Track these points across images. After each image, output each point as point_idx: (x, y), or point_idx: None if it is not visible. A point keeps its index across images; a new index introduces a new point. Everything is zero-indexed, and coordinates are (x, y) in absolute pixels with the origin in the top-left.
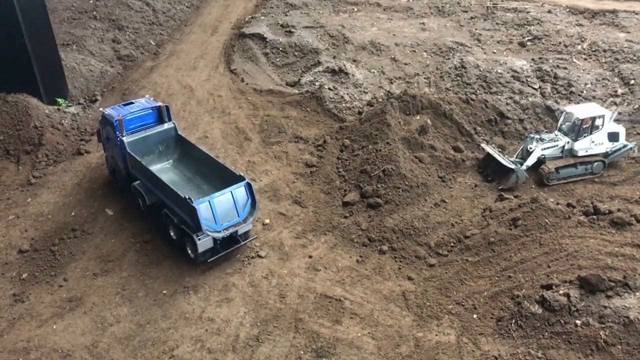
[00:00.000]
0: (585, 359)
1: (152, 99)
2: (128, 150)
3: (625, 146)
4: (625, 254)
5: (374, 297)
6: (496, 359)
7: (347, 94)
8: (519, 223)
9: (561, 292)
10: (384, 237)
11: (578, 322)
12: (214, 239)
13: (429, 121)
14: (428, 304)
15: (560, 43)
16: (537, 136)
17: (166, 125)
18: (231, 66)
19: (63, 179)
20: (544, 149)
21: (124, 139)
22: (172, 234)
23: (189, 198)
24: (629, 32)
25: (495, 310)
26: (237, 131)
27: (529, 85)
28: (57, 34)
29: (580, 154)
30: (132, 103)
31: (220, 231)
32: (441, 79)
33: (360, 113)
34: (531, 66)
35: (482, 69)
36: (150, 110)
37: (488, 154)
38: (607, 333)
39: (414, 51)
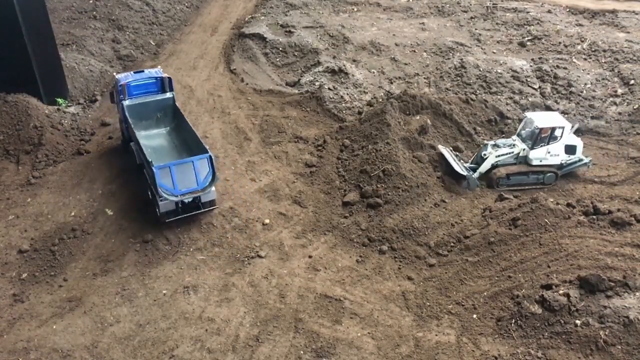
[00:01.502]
0: (585, 359)
1: (161, 69)
2: (126, 112)
3: (580, 160)
4: (625, 254)
5: (374, 297)
6: (496, 359)
7: (347, 94)
8: (518, 223)
9: (561, 292)
10: (384, 237)
11: (578, 322)
12: (176, 202)
13: (428, 121)
14: (428, 304)
15: (560, 43)
16: (493, 142)
17: (165, 95)
18: (231, 66)
19: (63, 179)
20: (498, 156)
21: (124, 102)
22: (149, 193)
23: (151, 161)
24: (628, 32)
25: (495, 310)
26: (237, 131)
27: (528, 85)
28: (57, 34)
29: (535, 163)
30: (142, 72)
31: (177, 195)
32: (441, 79)
33: (360, 113)
34: (531, 66)
35: (482, 69)
36: (154, 80)
37: (441, 156)
38: (607, 333)
39: (414, 51)
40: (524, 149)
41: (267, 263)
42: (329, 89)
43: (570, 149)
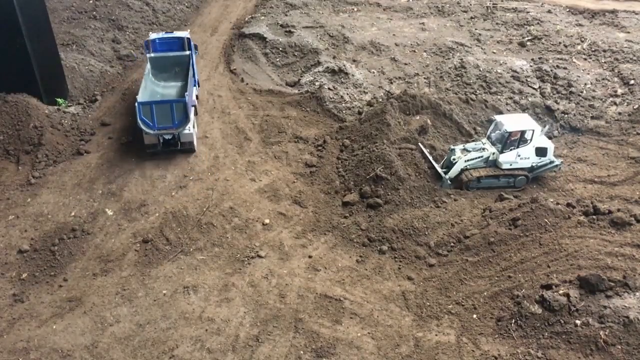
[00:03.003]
0: (585, 359)
1: (189, 33)
2: (148, 63)
3: (551, 162)
4: (625, 254)
5: (374, 297)
6: (496, 359)
7: (347, 94)
8: (518, 223)
9: (561, 292)
10: (383, 237)
11: (578, 322)
12: (158, 138)
13: (428, 121)
14: (428, 304)
15: (560, 43)
16: (461, 147)
17: (183, 52)
18: (231, 66)
19: (63, 179)
20: (468, 160)
21: (148, 55)
22: None
23: (136, 97)
24: (628, 32)
25: (495, 310)
26: (237, 131)
27: (528, 85)
28: (57, 34)
29: (505, 167)
30: (172, 33)
31: (154, 130)
32: (441, 79)
33: (360, 113)
34: (531, 66)
35: (482, 69)
36: (177, 40)
37: (422, 153)
38: (607, 333)
39: (414, 51)
40: (493, 153)
41: (267, 263)
42: (329, 89)
43: (540, 152)
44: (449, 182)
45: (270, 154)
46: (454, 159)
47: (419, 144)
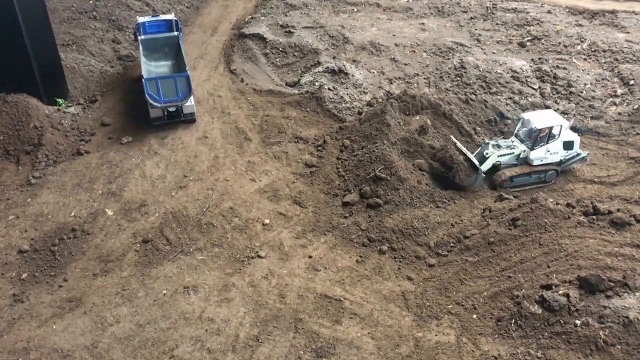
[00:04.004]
0: (585, 359)
1: (174, 15)
2: (140, 45)
3: (578, 155)
4: (624, 254)
5: (373, 297)
6: (496, 359)
7: (347, 94)
8: (518, 223)
9: (561, 292)
10: (383, 237)
11: (578, 322)
12: (162, 110)
13: (428, 121)
14: (428, 304)
15: (559, 43)
16: (494, 142)
17: (172, 33)
18: (231, 66)
19: (63, 179)
20: (500, 155)
21: (140, 37)
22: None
23: (142, 74)
24: (628, 33)
25: (495, 310)
26: (237, 131)
27: (528, 86)
28: (57, 34)
29: (536, 163)
30: (158, 16)
31: (160, 103)
32: (441, 79)
33: (360, 113)
34: (531, 66)
35: (481, 69)
36: (165, 22)
37: (455, 146)
38: (606, 333)
39: (414, 51)
40: (524, 151)
41: (267, 263)
42: (329, 89)
43: (568, 145)
44: (483, 174)
45: (270, 154)
46: (486, 153)
47: (452, 137)
